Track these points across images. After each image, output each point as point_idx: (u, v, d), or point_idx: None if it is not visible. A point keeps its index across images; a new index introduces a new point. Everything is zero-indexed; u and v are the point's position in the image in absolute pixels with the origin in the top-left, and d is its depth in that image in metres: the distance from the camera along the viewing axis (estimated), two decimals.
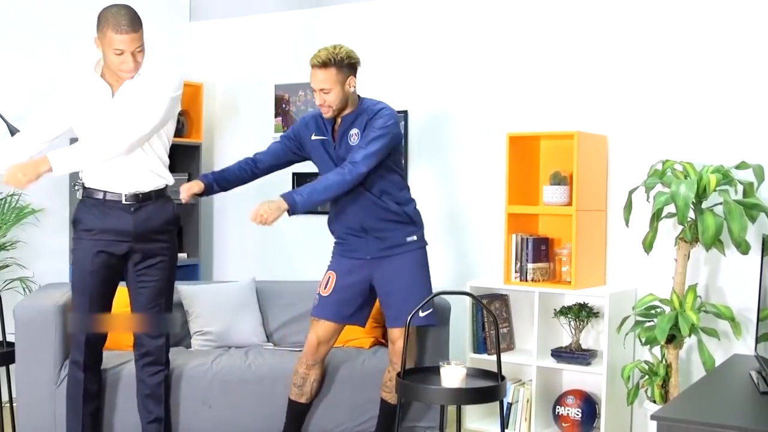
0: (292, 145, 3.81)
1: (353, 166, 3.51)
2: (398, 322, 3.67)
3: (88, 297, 3.47)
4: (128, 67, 3.31)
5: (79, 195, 3.53)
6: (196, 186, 3.68)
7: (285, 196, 3.41)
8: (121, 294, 3.62)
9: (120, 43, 3.24)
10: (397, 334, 3.71)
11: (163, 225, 3.54)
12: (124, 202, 3.45)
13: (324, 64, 3.53)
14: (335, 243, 3.84)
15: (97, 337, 3.55)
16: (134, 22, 3.27)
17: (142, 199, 3.47)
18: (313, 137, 3.74)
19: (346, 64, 3.56)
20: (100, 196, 3.46)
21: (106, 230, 3.45)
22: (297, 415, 3.86)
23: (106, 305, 3.54)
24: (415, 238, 3.74)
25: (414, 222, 3.75)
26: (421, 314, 3.63)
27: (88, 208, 3.48)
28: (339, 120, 3.68)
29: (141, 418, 3.67)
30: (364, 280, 3.74)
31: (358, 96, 3.70)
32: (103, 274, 3.48)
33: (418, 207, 3.81)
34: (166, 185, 3.58)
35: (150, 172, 3.49)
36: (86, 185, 3.49)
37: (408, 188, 3.80)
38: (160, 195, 3.54)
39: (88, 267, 3.46)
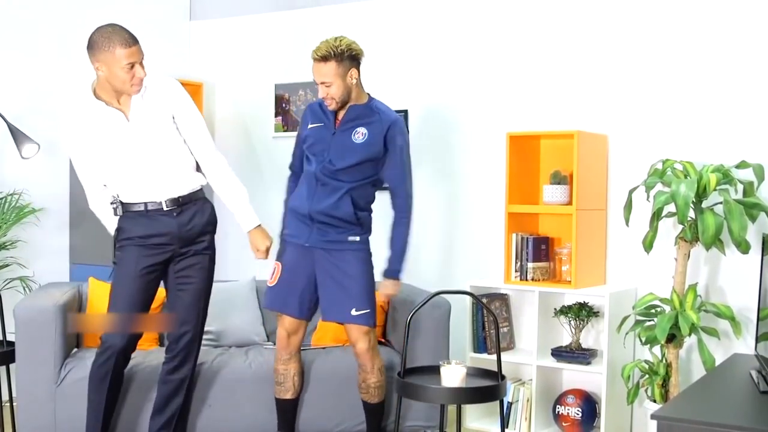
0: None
1: (407, 198, 3.70)
2: (328, 316, 3.70)
3: (130, 304, 3.46)
4: (141, 76, 3.34)
5: (119, 212, 3.51)
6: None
7: (393, 274, 3.73)
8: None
9: (131, 56, 3.29)
10: (354, 335, 3.69)
11: (205, 226, 3.57)
12: (165, 208, 3.47)
13: (324, 58, 3.53)
14: (282, 228, 3.84)
15: (133, 340, 3.52)
16: (133, 35, 3.34)
17: (182, 203, 3.50)
18: (310, 126, 3.73)
19: (347, 57, 3.55)
20: (141, 207, 3.47)
21: (151, 235, 3.46)
22: (286, 412, 3.86)
23: (146, 308, 3.55)
24: (357, 238, 3.70)
25: (361, 225, 3.71)
26: (354, 312, 3.64)
27: (132, 219, 3.49)
28: (343, 111, 3.68)
29: (151, 423, 3.66)
30: (309, 268, 3.70)
31: (368, 94, 3.71)
32: (146, 280, 3.49)
33: (372, 216, 3.80)
34: (201, 186, 3.60)
35: (183, 176, 3.51)
36: (123, 201, 3.50)
37: (373, 201, 3.78)
38: (198, 197, 3.57)
39: (132, 272, 3.46)
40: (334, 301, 3.66)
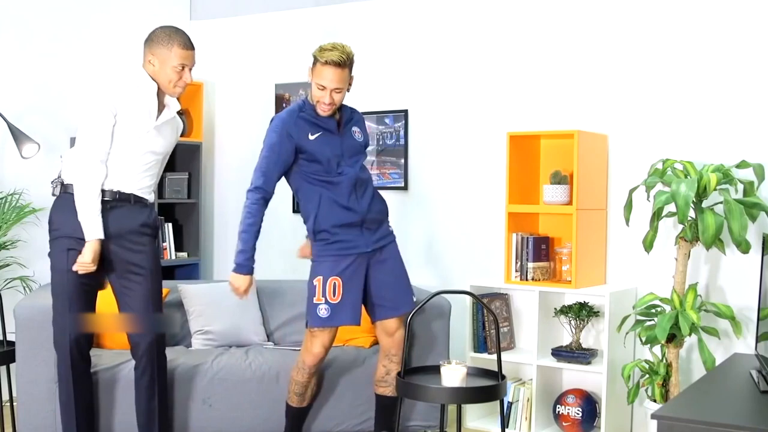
0: (291, 157, 3.61)
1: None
2: (398, 311, 3.67)
3: (68, 297, 3.43)
4: (187, 81, 3.47)
5: (56, 192, 3.47)
6: (251, 282, 3.65)
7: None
8: (108, 294, 3.60)
9: (186, 58, 3.44)
10: (396, 325, 3.68)
11: (139, 227, 3.49)
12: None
13: (341, 64, 3.50)
14: (323, 244, 3.62)
15: (82, 337, 3.50)
16: (192, 42, 3.49)
17: (119, 199, 3.44)
18: (311, 137, 3.60)
19: (353, 64, 3.59)
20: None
21: (78, 228, 3.37)
22: (299, 420, 3.87)
23: (88, 305, 3.49)
24: (392, 227, 3.80)
25: (388, 212, 3.82)
26: (414, 298, 3.73)
27: (62, 207, 3.43)
28: (338, 114, 3.67)
29: (138, 422, 3.66)
30: (363, 274, 3.66)
31: None
32: (78, 274, 3.41)
33: None
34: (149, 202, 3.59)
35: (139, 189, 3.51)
36: (65, 182, 3.45)
37: None
38: (138, 200, 3.50)
39: (64, 266, 3.41)
40: (400, 297, 3.70)
